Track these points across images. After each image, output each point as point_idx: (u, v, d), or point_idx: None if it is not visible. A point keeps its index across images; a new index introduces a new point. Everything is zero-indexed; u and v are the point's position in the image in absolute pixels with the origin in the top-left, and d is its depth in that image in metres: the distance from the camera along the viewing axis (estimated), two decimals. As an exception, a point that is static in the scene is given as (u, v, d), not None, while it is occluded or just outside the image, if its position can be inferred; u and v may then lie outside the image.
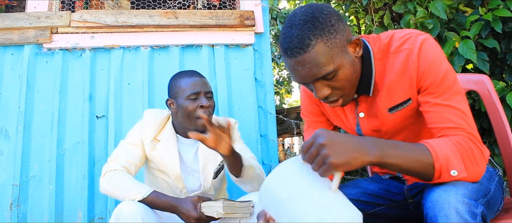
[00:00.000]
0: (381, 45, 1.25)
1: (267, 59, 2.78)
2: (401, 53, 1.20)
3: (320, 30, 1.09)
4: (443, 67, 1.16)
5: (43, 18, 2.51)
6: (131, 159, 1.76)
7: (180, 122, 1.81)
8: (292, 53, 1.11)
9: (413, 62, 1.18)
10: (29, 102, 2.45)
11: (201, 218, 1.56)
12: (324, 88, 1.16)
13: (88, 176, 2.40)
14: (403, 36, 1.22)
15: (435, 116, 1.16)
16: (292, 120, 3.53)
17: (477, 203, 0.98)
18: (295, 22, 1.11)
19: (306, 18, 1.10)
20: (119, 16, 2.59)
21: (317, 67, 1.10)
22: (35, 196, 2.35)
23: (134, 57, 2.62)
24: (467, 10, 2.65)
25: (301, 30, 1.09)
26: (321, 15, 1.11)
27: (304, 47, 1.09)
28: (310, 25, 1.09)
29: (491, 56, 2.64)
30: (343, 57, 1.14)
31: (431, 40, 1.20)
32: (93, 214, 2.40)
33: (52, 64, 2.53)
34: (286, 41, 1.12)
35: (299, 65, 1.12)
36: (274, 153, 2.69)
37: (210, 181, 1.86)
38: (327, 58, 1.10)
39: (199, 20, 2.65)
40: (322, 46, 1.09)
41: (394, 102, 1.26)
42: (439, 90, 1.16)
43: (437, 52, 1.18)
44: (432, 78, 1.16)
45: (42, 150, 2.42)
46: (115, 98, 2.53)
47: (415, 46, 1.18)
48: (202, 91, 1.76)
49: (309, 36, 1.08)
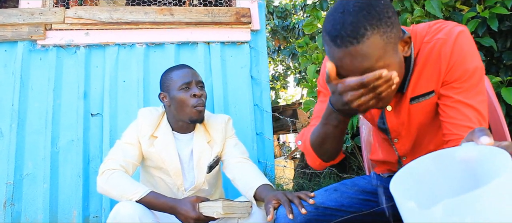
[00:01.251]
0: (418, 37, 1.17)
1: (263, 56, 2.77)
2: (435, 43, 1.12)
3: (377, 20, 0.98)
4: (474, 63, 1.10)
5: (37, 15, 2.48)
6: (128, 158, 1.75)
7: (174, 116, 1.82)
8: (342, 41, 0.98)
9: (445, 53, 1.10)
10: (22, 100, 2.42)
11: (200, 218, 1.55)
12: None
13: (83, 174, 2.38)
14: (439, 27, 1.14)
15: (454, 112, 1.11)
16: (287, 118, 3.52)
17: None
18: (348, 8, 0.99)
19: (362, 6, 0.98)
20: (114, 12, 2.56)
21: (368, 61, 0.99)
22: (29, 194, 2.34)
23: (129, 54, 2.60)
24: (464, 8, 2.64)
25: (356, 17, 0.97)
26: (378, 4, 1.00)
27: (358, 36, 0.96)
28: (366, 13, 0.97)
29: (487, 55, 2.64)
30: (393, 55, 1.03)
31: (468, 33, 1.12)
32: (88, 212, 2.38)
33: (46, 61, 2.50)
34: (336, 28, 0.98)
35: (348, 57, 0.99)
36: (270, 152, 2.68)
37: (203, 176, 1.85)
38: (380, 53, 0.99)
39: (194, 17, 2.63)
40: (377, 38, 0.98)
41: (417, 92, 1.18)
42: (464, 87, 1.10)
43: (472, 46, 1.11)
44: (460, 72, 1.10)
45: (36, 148, 2.40)
46: (110, 95, 2.51)
47: (450, 36, 1.10)
48: (193, 81, 1.77)
49: (365, 25, 0.97)
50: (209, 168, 1.86)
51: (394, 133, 1.32)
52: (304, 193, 1.36)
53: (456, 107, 1.11)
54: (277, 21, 8.70)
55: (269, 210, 1.36)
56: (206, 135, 1.90)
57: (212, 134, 1.90)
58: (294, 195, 1.35)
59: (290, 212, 1.27)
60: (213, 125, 1.91)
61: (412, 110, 1.22)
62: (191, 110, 1.75)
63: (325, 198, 1.36)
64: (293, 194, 1.36)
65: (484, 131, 0.70)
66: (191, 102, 1.74)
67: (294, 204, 1.32)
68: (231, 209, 1.53)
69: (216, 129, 1.91)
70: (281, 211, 1.34)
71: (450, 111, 1.12)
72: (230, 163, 1.86)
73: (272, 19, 8.74)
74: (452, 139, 1.12)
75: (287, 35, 8.77)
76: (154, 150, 1.80)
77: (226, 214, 1.51)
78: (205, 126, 1.90)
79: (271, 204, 1.38)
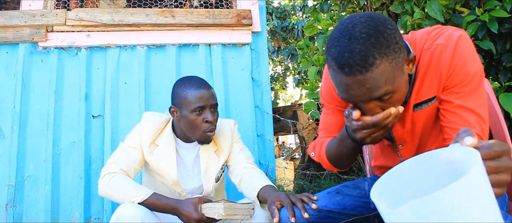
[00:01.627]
0: (418, 46, 1.17)
1: (264, 58, 2.78)
2: (435, 48, 1.13)
3: (386, 47, 0.96)
4: (474, 67, 1.10)
5: (39, 16, 2.49)
6: (131, 162, 1.75)
7: (182, 129, 1.80)
8: (351, 70, 0.96)
9: (446, 58, 1.10)
10: (24, 102, 2.43)
11: (202, 219, 1.55)
12: (376, 109, 1.04)
13: (84, 176, 2.39)
14: (438, 32, 1.14)
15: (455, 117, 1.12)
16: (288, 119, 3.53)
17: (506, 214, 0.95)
18: (355, 35, 0.96)
19: (369, 32, 0.96)
20: (116, 14, 2.57)
21: (377, 88, 0.98)
22: (30, 196, 2.34)
23: (130, 56, 2.61)
24: (464, 10, 2.66)
25: (364, 45, 0.95)
26: (386, 30, 0.98)
27: (367, 65, 0.95)
28: (375, 41, 0.95)
29: (487, 57, 2.65)
30: (401, 76, 1.02)
31: (467, 37, 1.12)
32: (89, 214, 2.39)
33: (48, 63, 2.51)
34: (344, 56, 0.96)
35: (357, 85, 0.98)
36: (270, 153, 2.69)
37: (212, 185, 1.86)
38: (389, 78, 0.98)
39: (196, 19, 2.64)
40: (387, 66, 0.97)
41: (419, 99, 1.19)
42: (464, 91, 1.10)
43: (472, 50, 1.11)
44: (461, 77, 1.10)
45: (38, 150, 2.40)
46: (111, 97, 2.51)
47: (450, 42, 1.10)
48: (208, 105, 1.71)
49: (373, 54, 0.95)
50: (217, 178, 1.88)
51: (399, 141, 1.33)
52: (307, 196, 1.37)
53: (457, 112, 1.12)
54: (276, 22, 8.71)
55: (274, 212, 1.36)
56: (213, 144, 1.88)
57: (219, 141, 1.89)
58: (297, 198, 1.35)
59: (292, 216, 1.28)
60: (220, 132, 1.90)
61: (415, 117, 1.23)
62: (201, 134, 1.72)
63: (328, 201, 1.37)
64: (297, 197, 1.37)
65: (468, 132, 0.70)
66: (202, 127, 1.70)
67: (297, 208, 1.32)
68: (233, 210, 1.54)
69: (223, 137, 1.90)
70: (283, 213, 1.35)
71: (450, 116, 1.13)
72: (236, 169, 1.86)
73: (271, 20, 8.76)
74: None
75: (286, 35, 8.79)
76: (154, 159, 1.79)
77: (228, 216, 1.52)
78: None
79: (275, 205, 1.39)
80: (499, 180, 0.70)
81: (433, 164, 0.76)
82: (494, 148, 0.69)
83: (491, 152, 0.69)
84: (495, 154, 0.69)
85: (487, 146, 0.69)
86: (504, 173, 0.70)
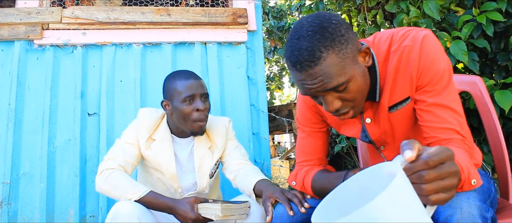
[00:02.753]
0: (382, 46, 1.21)
1: (259, 57, 2.78)
2: (402, 50, 1.16)
3: (331, 40, 1.03)
4: (443, 65, 1.13)
5: (34, 14, 2.48)
6: (128, 158, 1.75)
7: (175, 123, 1.81)
8: (302, 66, 1.04)
9: (414, 59, 1.14)
10: (19, 99, 2.42)
11: (198, 219, 1.56)
12: (335, 101, 1.11)
13: (80, 174, 2.38)
14: (403, 34, 1.18)
15: (430, 116, 1.14)
16: (283, 118, 3.54)
17: (487, 207, 0.97)
18: (302, 34, 1.04)
19: (314, 29, 1.03)
20: (111, 12, 2.57)
21: (329, 79, 1.04)
22: (25, 194, 2.33)
23: (126, 54, 2.61)
24: (459, 10, 2.67)
25: (310, 41, 1.02)
26: (330, 25, 1.04)
27: (315, 59, 1.02)
28: (320, 36, 1.02)
29: (482, 56, 2.67)
30: (354, 68, 1.08)
31: (432, 36, 1.15)
32: (84, 212, 2.39)
33: (43, 60, 2.50)
34: (295, 54, 1.04)
35: (310, 78, 1.05)
36: (266, 151, 2.69)
37: (206, 181, 1.86)
38: (339, 69, 1.04)
39: (191, 17, 2.64)
40: (334, 58, 1.03)
41: (393, 101, 1.22)
42: (436, 89, 1.13)
43: (438, 48, 1.14)
44: (430, 76, 1.13)
45: (33, 148, 2.40)
46: (107, 95, 2.51)
47: (416, 42, 1.13)
48: (197, 94, 1.73)
49: (319, 48, 1.02)
50: (211, 175, 1.88)
51: (378, 143, 1.37)
52: (301, 196, 1.39)
53: (431, 110, 1.15)
54: (272, 22, 8.71)
55: (268, 209, 1.39)
56: (207, 140, 1.90)
57: (214, 138, 1.90)
58: (293, 194, 1.38)
59: (290, 209, 1.31)
60: (215, 129, 1.91)
61: (393, 118, 1.26)
62: (192, 124, 1.74)
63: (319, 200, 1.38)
64: (292, 193, 1.39)
65: (408, 145, 0.72)
66: (193, 116, 1.72)
67: (293, 203, 1.34)
68: (230, 211, 1.55)
69: (217, 133, 1.91)
70: (278, 209, 1.36)
71: (426, 115, 1.16)
72: (231, 165, 1.87)
73: (268, 20, 8.76)
74: (432, 141, 1.15)
75: (283, 35, 8.79)
76: (151, 153, 1.80)
77: (225, 217, 1.53)
78: (206, 130, 1.91)
79: (270, 202, 1.40)
80: (444, 186, 0.72)
81: (379, 178, 0.78)
82: (432, 158, 0.71)
83: (429, 162, 0.70)
84: (433, 163, 0.71)
85: (426, 156, 0.71)
86: (448, 178, 0.72)
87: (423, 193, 0.71)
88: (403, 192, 0.64)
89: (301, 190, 1.44)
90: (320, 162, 1.49)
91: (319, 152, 1.48)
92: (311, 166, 1.46)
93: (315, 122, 1.47)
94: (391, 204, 0.62)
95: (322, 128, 1.48)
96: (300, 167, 1.48)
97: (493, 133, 1.62)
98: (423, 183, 0.71)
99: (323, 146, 1.50)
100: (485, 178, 1.25)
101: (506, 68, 2.62)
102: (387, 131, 1.30)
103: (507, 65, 2.59)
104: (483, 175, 1.28)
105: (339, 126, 1.43)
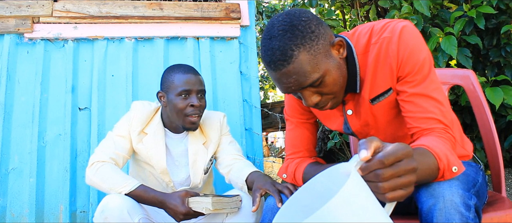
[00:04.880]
0: (362, 39, 1.22)
1: (252, 52, 2.77)
2: (382, 42, 1.18)
3: (301, 38, 1.05)
4: (422, 55, 1.15)
5: (24, 7, 2.45)
6: (119, 151, 1.73)
7: (169, 116, 1.79)
8: (275, 66, 1.07)
9: (393, 50, 1.15)
10: (9, 93, 2.39)
11: (189, 213, 1.54)
12: (313, 96, 1.14)
13: (70, 169, 2.36)
14: (383, 26, 1.19)
15: (412, 106, 1.15)
16: (277, 114, 3.53)
17: (470, 195, 0.97)
18: (274, 33, 1.07)
19: (285, 28, 1.06)
20: (103, 6, 2.54)
21: (303, 76, 1.07)
22: (15, 189, 2.31)
23: (118, 49, 2.58)
24: (452, 6, 2.68)
25: (281, 41, 1.05)
26: (300, 22, 1.07)
27: (287, 58, 1.05)
28: (290, 35, 1.05)
29: (474, 52, 2.68)
30: (328, 62, 1.10)
31: (411, 27, 1.17)
32: (75, 207, 2.36)
33: (34, 54, 2.47)
34: (268, 54, 1.08)
35: (285, 77, 1.08)
36: (258, 147, 2.68)
37: (200, 176, 1.85)
38: (312, 66, 1.07)
39: (184, 12, 2.63)
40: (305, 55, 1.06)
41: (375, 93, 1.23)
42: (417, 79, 1.14)
43: (417, 39, 1.16)
44: (410, 66, 1.14)
45: (23, 142, 2.37)
46: (98, 90, 2.49)
47: (394, 34, 1.15)
48: (194, 90, 1.72)
49: (290, 47, 1.05)
50: (205, 170, 1.87)
51: (361, 135, 1.38)
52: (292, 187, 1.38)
53: (413, 100, 1.15)
54: (266, 21, 8.70)
55: (256, 200, 1.39)
56: (202, 136, 1.88)
57: (208, 132, 1.89)
58: (283, 186, 1.37)
59: (279, 201, 1.30)
60: (209, 123, 1.90)
61: (375, 110, 1.26)
62: (184, 119, 1.73)
63: None
64: (283, 185, 1.38)
65: (364, 145, 0.73)
66: (186, 111, 1.71)
67: (284, 195, 1.33)
68: (221, 205, 1.53)
69: (212, 128, 1.90)
70: (269, 201, 1.35)
71: (408, 105, 1.17)
72: (225, 160, 1.86)
73: (262, 19, 8.75)
74: (415, 132, 1.16)
75: (277, 34, 8.77)
76: (143, 147, 1.78)
77: (216, 210, 1.51)
78: (201, 125, 1.89)
79: (259, 193, 1.40)
80: (401, 182, 0.73)
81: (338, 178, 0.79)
82: (387, 156, 0.72)
83: (384, 160, 0.72)
84: (389, 162, 0.72)
85: (382, 155, 0.72)
86: (405, 175, 0.74)
87: (380, 191, 0.73)
88: (357, 192, 0.66)
89: (292, 182, 1.43)
90: (309, 153, 1.50)
91: (307, 143, 1.50)
92: (301, 158, 1.47)
93: (301, 112, 1.49)
94: (346, 205, 0.64)
95: (309, 119, 1.50)
96: (291, 160, 1.49)
97: (485, 125, 1.62)
98: (380, 182, 0.72)
99: (311, 137, 1.51)
100: (473, 168, 1.25)
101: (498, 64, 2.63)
102: (369, 123, 1.31)
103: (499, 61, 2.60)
104: (472, 166, 1.28)
105: (323, 119, 1.44)
